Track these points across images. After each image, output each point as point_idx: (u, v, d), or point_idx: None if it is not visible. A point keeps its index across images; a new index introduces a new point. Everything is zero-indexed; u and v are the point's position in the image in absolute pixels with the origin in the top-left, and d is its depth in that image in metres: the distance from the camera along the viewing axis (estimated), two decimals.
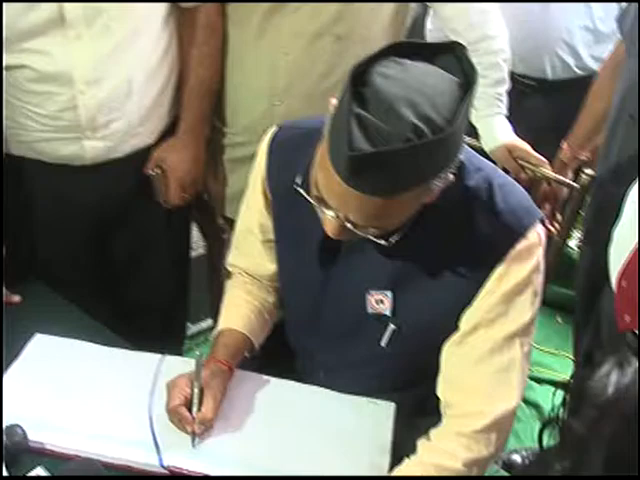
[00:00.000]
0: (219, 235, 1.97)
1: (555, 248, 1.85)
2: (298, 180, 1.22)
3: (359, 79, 1.06)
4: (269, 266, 1.49)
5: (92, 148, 1.64)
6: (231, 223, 1.75)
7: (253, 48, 1.71)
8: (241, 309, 1.47)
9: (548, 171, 1.81)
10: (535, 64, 2.31)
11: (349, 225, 1.14)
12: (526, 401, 2.65)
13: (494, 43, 1.73)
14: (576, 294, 2.21)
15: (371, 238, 1.18)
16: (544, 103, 2.32)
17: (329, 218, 1.15)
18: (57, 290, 1.64)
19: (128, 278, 1.87)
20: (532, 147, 1.86)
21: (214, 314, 2.21)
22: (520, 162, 1.80)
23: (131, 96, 1.62)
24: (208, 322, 2.55)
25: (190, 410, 1.31)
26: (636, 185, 1.42)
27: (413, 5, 1.80)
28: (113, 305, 1.71)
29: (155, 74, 1.66)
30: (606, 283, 1.70)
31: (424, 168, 1.07)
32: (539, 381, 2.73)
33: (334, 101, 1.12)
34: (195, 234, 2.26)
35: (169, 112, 1.75)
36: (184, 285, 2.12)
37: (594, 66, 2.31)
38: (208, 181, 1.91)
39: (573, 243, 3.21)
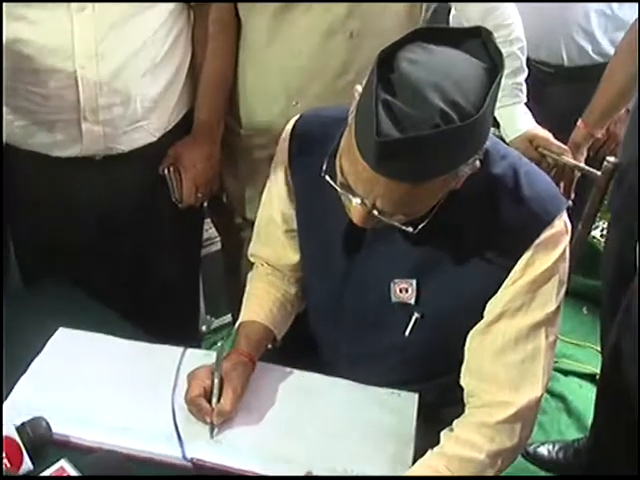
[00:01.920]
0: (237, 232, 1.96)
1: (579, 237, 1.82)
2: (323, 167, 1.21)
3: (385, 64, 1.05)
4: (291, 256, 1.49)
5: (89, 132, 1.60)
6: (251, 223, 1.76)
7: (266, 49, 1.70)
8: (263, 300, 1.48)
9: (570, 159, 1.79)
10: (552, 50, 2.29)
11: (375, 212, 1.14)
12: (552, 393, 2.64)
13: (510, 32, 1.72)
14: (602, 284, 2.19)
15: (397, 225, 1.17)
16: (563, 90, 2.30)
17: (355, 205, 1.15)
18: (78, 285, 1.65)
19: (140, 274, 1.86)
20: (553, 134, 1.84)
21: (232, 309, 2.24)
22: (541, 151, 1.78)
23: (135, 81, 1.60)
24: (230, 317, 2.56)
25: (210, 401, 1.31)
26: None
27: None
28: (129, 300, 1.71)
29: (162, 66, 1.64)
30: (634, 272, 1.69)
31: (453, 154, 1.07)
32: (565, 373, 2.71)
33: (359, 88, 1.11)
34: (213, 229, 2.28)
35: (174, 110, 1.72)
36: (195, 281, 2.12)
37: (611, 51, 2.28)
38: (227, 182, 1.90)
39: (597, 233, 3.19)
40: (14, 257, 1.85)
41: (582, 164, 1.82)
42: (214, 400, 1.31)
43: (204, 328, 2.63)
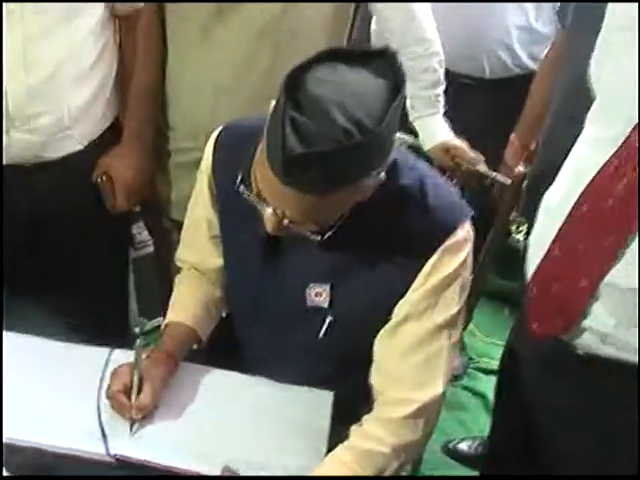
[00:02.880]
0: (168, 235, 2.00)
1: (493, 242, 1.92)
2: (239, 177, 1.28)
3: (295, 83, 1.12)
4: (216, 261, 1.54)
5: (19, 141, 1.62)
6: (179, 225, 1.80)
7: (196, 50, 1.73)
8: (188, 302, 1.53)
9: (484, 168, 1.89)
10: (474, 63, 2.38)
11: (286, 222, 1.21)
12: (473, 391, 2.74)
13: (428, 46, 1.81)
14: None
15: (306, 234, 1.24)
16: (483, 101, 2.39)
17: (268, 215, 1.22)
18: (6, 289, 1.69)
19: (69, 276, 1.89)
20: (472, 144, 1.93)
21: (164, 310, 2.27)
22: (457, 160, 1.87)
23: (63, 90, 1.62)
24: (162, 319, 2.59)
25: (130, 397, 1.36)
26: (549, 191, 1.47)
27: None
28: (59, 303, 1.74)
29: (89, 74, 1.66)
30: None
31: (355, 167, 1.14)
32: (486, 372, 2.81)
33: (274, 103, 1.18)
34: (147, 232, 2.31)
35: (102, 119, 1.77)
36: (123, 282, 2.16)
37: (531, 65, 2.39)
38: (156, 183, 1.94)
39: (521, 237, 3.30)
40: None
41: (494, 173, 1.91)
42: (133, 396, 1.36)
43: (137, 330, 2.64)
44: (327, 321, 1.40)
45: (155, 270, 2.32)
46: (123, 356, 1.49)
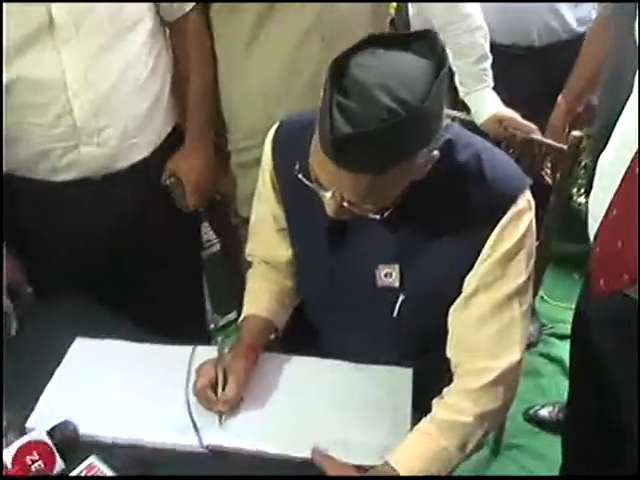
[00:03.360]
0: (234, 232, 2.05)
1: (554, 208, 1.92)
2: (297, 166, 1.32)
3: (339, 70, 1.16)
4: (285, 253, 1.59)
5: (88, 154, 1.68)
6: (246, 221, 1.85)
7: (244, 59, 1.78)
8: (262, 295, 1.58)
9: (538, 136, 1.89)
10: (523, 33, 2.37)
11: (345, 204, 1.24)
12: (549, 357, 2.74)
13: (471, 21, 1.81)
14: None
15: (366, 214, 1.28)
16: (533, 70, 2.38)
17: (328, 199, 1.26)
18: (89, 297, 1.74)
19: (145, 282, 1.94)
20: (525, 113, 1.93)
21: (236, 306, 2.33)
22: (511, 131, 1.88)
23: (124, 101, 1.68)
24: (234, 313, 2.65)
25: (216, 391, 1.42)
26: (603, 155, 1.47)
27: None
28: (139, 308, 1.80)
29: (147, 83, 1.72)
30: None
31: (403, 145, 1.16)
32: (561, 337, 2.79)
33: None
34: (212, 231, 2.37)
35: (164, 124, 1.83)
36: (199, 283, 2.22)
37: (578, 28, 2.38)
38: (221, 183, 1.99)
39: (582, 200, 3.28)
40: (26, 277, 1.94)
41: (549, 140, 1.91)
42: (219, 390, 1.42)
43: (212, 326, 2.71)
44: (400, 300, 1.43)
45: (224, 267, 2.37)
46: (206, 352, 1.56)
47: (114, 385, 1.50)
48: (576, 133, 1.80)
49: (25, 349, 1.58)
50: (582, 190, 3.30)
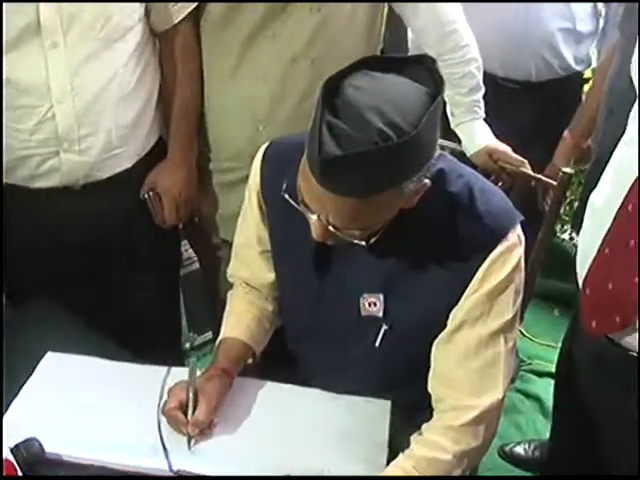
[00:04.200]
0: (213, 253, 2.02)
1: (541, 244, 1.90)
2: (284, 187, 1.29)
3: (332, 90, 1.14)
4: (267, 276, 1.56)
5: (69, 161, 1.66)
6: (225, 243, 1.83)
7: (231, 78, 1.75)
8: (242, 318, 1.54)
9: (528, 171, 1.88)
10: (520, 67, 2.36)
11: (331, 228, 1.22)
12: (527, 394, 2.72)
13: (465, 53, 1.80)
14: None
15: (351, 240, 1.25)
16: (527, 105, 2.38)
17: (314, 222, 1.23)
18: (62, 308, 1.71)
19: (121, 295, 1.92)
20: (516, 147, 1.92)
21: (213, 326, 2.29)
22: (500, 164, 1.87)
23: (109, 111, 1.66)
24: (211, 334, 2.61)
25: (185, 414, 1.38)
26: (594, 193, 1.46)
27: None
28: (112, 321, 1.77)
29: (133, 95, 1.70)
30: None
31: (392, 170, 1.14)
32: (539, 374, 2.79)
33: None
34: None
35: (147, 136, 1.81)
36: (175, 300, 2.20)
37: (576, 66, 2.38)
38: (200, 203, 1.96)
39: (566, 236, 3.28)
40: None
41: (539, 175, 1.90)
42: (189, 412, 1.38)
43: (187, 345, 2.69)
44: (382, 330, 1.40)
45: (202, 286, 2.34)
46: (180, 373, 1.51)
47: (84, 403, 1.46)
48: (566, 169, 1.79)
49: None
50: (565, 226, 3.31)
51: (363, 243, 1.26)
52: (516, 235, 1.32)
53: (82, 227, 1.77)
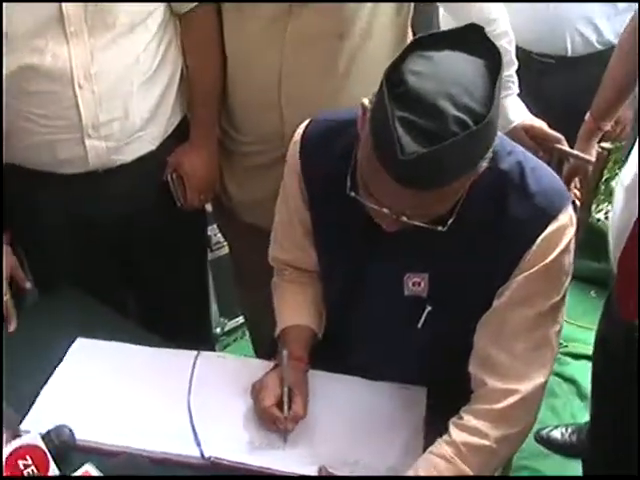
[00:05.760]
0: (243, 237, 1.99)
1: (579, 223, 1.85)
2: (348, 186, 1.24)
3: (393, 80, 1.09)
4: (312, 256, 1.52)
5: (93, 148, 1.64)
6: (255, 227, 1.80)
7: (255, 56, 1.71)
8: (298, 303, 1.53)
9: (565, 147, 1.82)
10: (556, 42, 2.30)
11: (404, 218, 1.18)
12: (563, 377, 2.67)
13: (496, 27, 1.74)
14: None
15: (426, 226, 1.21)
16: (562, 80, 2.31)
17: (385, 215, 1.19)
18: (91, 294, 1.70)
19: (149, 280, 1.91)
20: (554, 124, 1.87)
21: (244, 310, 2.26)
22: (537, 141, 1.81)
23: (131, 95, 1.64)
24: (242, 318, 2.59)
25: (281, 409, 1.35)
26: (623, 171, 1.42)
27: None
28: (141, 307, 1.75)
29: (155, 78, 1.67)
30: None
31: (471, 154, 1.12)
32: (576, 357, 2.74)
33: (366, 101, 1.16)
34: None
35: (170, 118, 1.77)
36: (204, 284, 2.17)
37: (614, 40, 2.31)
38: (229, 188, 1.93)
39: (602, 216, 3.21)
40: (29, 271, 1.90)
41: (576, 152, 1.84)
42: (285, 407, 1.35)
43: (218, 330, 2.68)
44: (426, 311, 1.37)
45: (232, 271, 2.31)
46: (210, 357, 1.53)
47: (113, 389, 1.45)
48: (605, 145, 1.73)
49: (25, 346, 1.54)
50: (600, 206, 3.24)
51: (440, 228, 1.22)
52: (568, 215, 1.28)
53: (107, 211, 1.75)
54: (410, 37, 1.77)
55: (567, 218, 1.27)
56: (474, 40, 1.13)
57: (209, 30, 1.73)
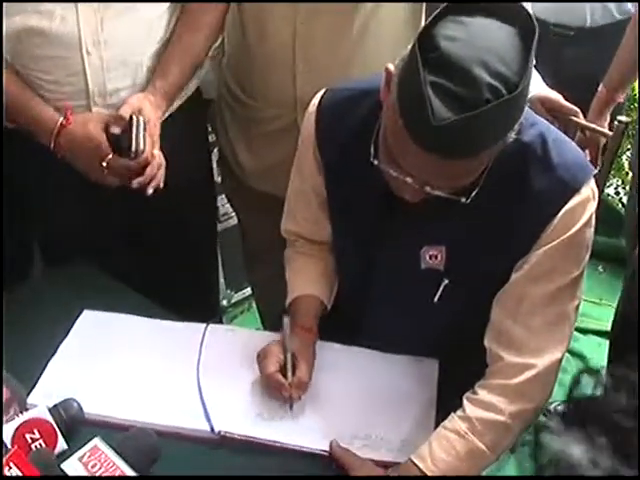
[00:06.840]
0: (253, 208, 1.97)
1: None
2: (372, 154, 1.22)
3: (424, 44, 1.06)
4: (326, 227, 1.50)
5: None
6: (265, 196, 1.77)
7: (271, 21, 1.66)
8: (309, 274, 1.51)
9: (581, 120, 1.79)
10: (573, 12, 2.27)
11: (428, 188, 1.15)
12: (572, 352, 2.65)
13: None
14: (626, 243, 2.18)
15: (449, 197, 1.18)
16: (581, 51, 2.28)
17: (408, 184, 1.16)
18: (98, 266, 1.69)
19: (157, 252, 1.89)
20: (567, 97, 1.84)
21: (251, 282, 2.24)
22: (553, 113, 1.78)
23: (141, 66, 1.61)
24: (249, 290, 2.58)
25: (285, 376, 1.34)
26: None
27: None
28: (148, 278, 1.73)
29: (166, 46, 1.64)
30: None
31: (503, 123, 1.10)
32: (584, 332, 2.73)
33: (391, 67, 1.13)
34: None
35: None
36: (213, 256, 2.16)
37: (632, 8, 2.26)
38: (241, 156, 1.89)
39: (611, 191, 3.18)
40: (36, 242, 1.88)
41: (593, 125, 1.81)
42: (289, 374, 1.34)
43: (225, 302, 2.66)
44: (443, 284, 1.34)
45: (240, 242, 2.29)
46: (219, 330, 1.51)
47: (121, 362, 1.44)
48: (622, 118, 1.70)
49: (31, 318, 1.52)
50: (610, 181, 3.21)
51: (463, 199, 1.19)
52: (590, 189, 1.25)
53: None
54: (424, 6, 1.73)
55: (589, 192, 1.25)
56: (507, 7, 1.10)
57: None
